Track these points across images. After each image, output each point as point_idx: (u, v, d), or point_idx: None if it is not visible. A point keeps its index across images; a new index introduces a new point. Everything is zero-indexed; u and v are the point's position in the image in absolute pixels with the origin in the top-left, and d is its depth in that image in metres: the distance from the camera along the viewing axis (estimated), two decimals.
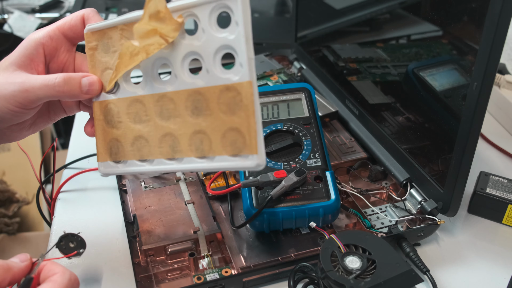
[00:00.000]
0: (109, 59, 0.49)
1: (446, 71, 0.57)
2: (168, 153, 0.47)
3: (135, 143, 0.49)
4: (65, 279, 0.40)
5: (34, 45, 0.49)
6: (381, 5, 0.69)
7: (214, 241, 0.55)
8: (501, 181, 0.64)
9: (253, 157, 0.42)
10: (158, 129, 0.47)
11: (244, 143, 0.42)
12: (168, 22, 0.44)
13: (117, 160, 0.50)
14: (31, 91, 0.46)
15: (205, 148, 0.45)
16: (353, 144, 0.70)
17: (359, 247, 0.50)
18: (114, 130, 0.50)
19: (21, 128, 0.53)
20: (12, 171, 1.34)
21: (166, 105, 0.47)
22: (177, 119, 0.46)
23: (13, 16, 1.26)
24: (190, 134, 0.45)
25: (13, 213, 1.23)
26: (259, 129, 0.42)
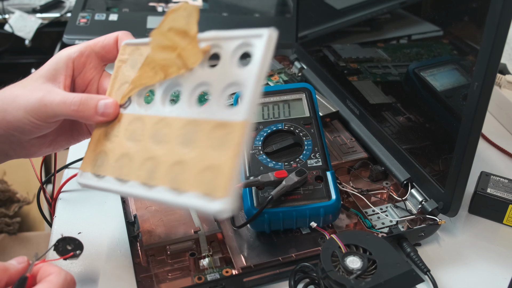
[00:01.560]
0: (132, 74, 0.49)
1: (446, 71, 0.57)
2: (145, 177, 0.44)
3: (119, 160, 0.47)
4: (61, 278, 0.40)
5: (65, 59, 0.50)
6: (382, 5, 0.69)
7: (214, 241, 0.55)
8: (502, 181, 0.64)
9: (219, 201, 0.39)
10: (145, 151, 0.45)
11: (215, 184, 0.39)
12: (192, 47, 0.43)
13: (97, 174, 0.48)
14: (49, 106, 0.47)
15: (180, 180, 0.42)
16: (353, 144, 0.70)
17: (360, 247, 0.50)
18: (107, 143, 0.49)
19: (41, 144, 0.53)
20: (13, 171, 1.34)
21: (161, 129, 0.45)
22: (166, 145, 0.44)
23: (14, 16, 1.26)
24: (171, 163, 0.43)
25: (14, 213, 1.23)
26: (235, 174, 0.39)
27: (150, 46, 0.47)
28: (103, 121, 0.49)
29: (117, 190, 0.46)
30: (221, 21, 1.04)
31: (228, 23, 1.04)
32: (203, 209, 0.40)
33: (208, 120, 0.42)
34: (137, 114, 0.48)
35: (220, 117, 0.41)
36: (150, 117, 0.47)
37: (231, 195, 0.39)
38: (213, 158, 0.40)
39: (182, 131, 0.44)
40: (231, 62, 0.42)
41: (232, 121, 0.40)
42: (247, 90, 0.40)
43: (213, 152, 0.41)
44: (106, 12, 1.02)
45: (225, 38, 0.43)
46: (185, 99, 0.45)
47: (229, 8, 1.08)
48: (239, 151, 0.39)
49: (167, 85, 0.47)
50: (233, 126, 0.40)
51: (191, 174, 0.41)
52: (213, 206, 0.39)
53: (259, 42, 0.41)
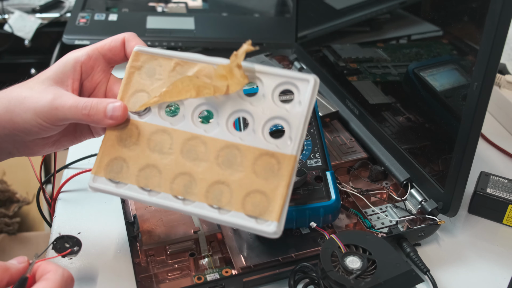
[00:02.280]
0: (149, 83, 0.50)
1: (446, 71, 0.57)
2: (180, 191, 0.47)
3: (145, 170, 0.48)
4: (58, 275, 0.40)
5: (73, 62, 0.50)
6: (382, 5, 0.69)
7: (214, 241, 0.55)
8: (502, 181, 0.64)
9: (272, 224, 0.43)
10: (177, 166, 0.47)
11: (267, 208, 0.44)
12: (238, 77, 0.46)
13: (115, 180, 0.49)
14: (60, 109, 0.47)
15: (223, 200, 0.45)
16: (353, 144, 0.70)
17: (360, 247, 0.50)
18: (125, 150, 0.49)
19: (45, 144, 0.53)
20: (12, 171, 1.34)
21: (196, 146, 0.47)
22: (203, 163, 0.47)
23: (14, 16, 1.26)
24: (211, 182, 0.46)
25: (14, 213, 1.23)
26: (287, 201, 0.44)
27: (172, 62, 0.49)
28: (112, 124, 0.49)
29: (145, 199, 0.47)
30: (221, 21, 1.04)
31: (228, 23, 1.04)
32: (251, 228, 0.44)
33: (253, 147, 0.46)
34: (162, 126, 0.49)
35: (266, 147, 0.45)
36: (179, 132, 0.48)
37: (282, 219, 0.44)
38: (262, 184, 0.44)
39: (222, 152, 0.46)
40: (273, 97, 0.46)
41: (282, 153, 0.45)
42: (298, 129, 0.45)
43: (260, 178, 0.45)
44: (105, 12, 1.02)
45: (269, 74, 0.46)
46: (222, 122, 0.47)
47: (229, 8, 1.08)
48: (289, 182, 0.44)
49: (199, 103, 0.48)
50: (283, 158, 0.44)
51: (236, 196, 0.45)
52: (264, 227, 0.44)
53: (305, 86, 0.45)
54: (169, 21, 0.99)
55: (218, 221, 0.46)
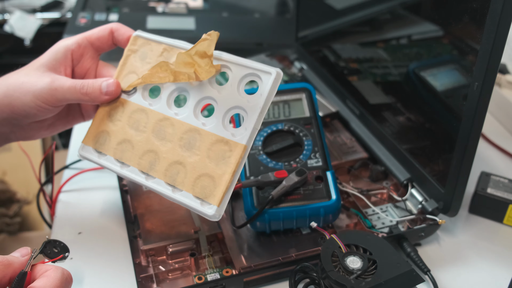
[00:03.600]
0: (140, 66, 0.54)
1: (447, 71, 0.57)
2: (145, 167, 0.51)
3: (122, 144, 0.53)
4: (58, 273, 0.40)
5: (64, 50, 0.54)
6: (382, 5, 0.69)
7: (215, 241, 0.55)
8: (502, 181, 0.64)
9: (213, 207, 0.46)
10: (147, 143, 0.51)
11: (211, 192, 0.47)
12: (207, 65, 0.49)
13: (99, 151, 0.54)
14: (59, 90, 0.51)
15: (178, 180, 0.49)
16: (353, 144, 0.70)
17: (360, 247, 0.50)
18: (110, 124, 0.54)
19: (40, 127, 0.57)
20: (13, 171, 1.34)
21: (166, 127, 0.51)
22: (168, 144, 0.50)
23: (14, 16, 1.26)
24: (172, 161, 0.49)
25: (14, 213, 1.23)
26: (231, 188, 0.47)
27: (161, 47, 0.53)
28: (108, 99, 0.54)
29: (117, 171, 0.52)
30: (222, 21, 1.04)
31: (228, 23, 1.04)
32: (194, 209, 0.47)
33: (211, 133, 0.48)
34: (141, 106, 0.53)
35: (223, 134, 0.48)
36: (154, 112, 0.52)
37: (223, 205, 0.46)
38: (212, 169, 0.47)
39: (185, 135, 0.50)
40: (238, 87, 0.49)
41: (234, 141, 0.47)
42: (251, 119, 0.47)
43: (212, 163, 0.47)
44: (106, 12, 1.02)
45: (237, 64, 0.49)
46: (191, 107, 0.50)
47: (229, 8, 1.08)
48: (237, 169, 0.46)
49: (175, 88, 0.52)
50: (234, 146, 0.47)
51: (189, 177, 0.48)
52: (205, 210, 0.46)
53: (267, 78, 0.47)
54: (170, 21, 0.99)
55: (170, 199, 0.49)
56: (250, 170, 0.57)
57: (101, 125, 0.54)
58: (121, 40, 0.56)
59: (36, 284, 0.39)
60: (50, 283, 0.39)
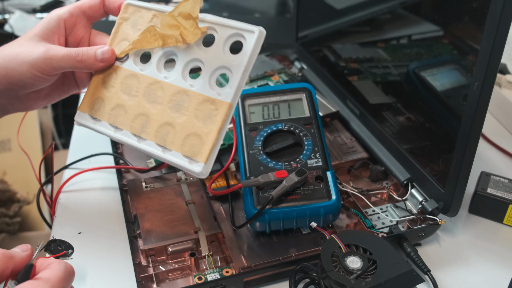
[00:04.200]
0: (131, 33, 0.55)
1: (447, 71, 0.57)
2: (137, 130, 0.52)
3: (115, 109, 0.54)
4: (62, 265, 0.41)
5: (56, 19, 0.55)
6: (382, 5, 0.69)
7: (215, 241, 0.55)
8: (502, 181, 0.64)
9: (200, 164, 0.47)
10: (139, 106, 0.52)
11: (199, 150, 0.48)
12: (193, 27, 0.49)
13: (94, 117, 0.55)
14: (54, 58, 0.52)
15: (168, 140, 0.50)
16: (353, 144, 0.70)
17: (360, 247, 0.50)
18: (105, 91, 0.55)
19: (37, 97, 0.58)
20: (13, 171, 1.34)
21: (156, 90, 0.52)
22: (158, 106, 0.51)
23: (14, 16, 1.26)
24: (162, 123, 0.51)
25: (14, 213, 1.23)
26: (217, 145, 0.48)
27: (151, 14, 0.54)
28: (103, 66, 0.54)
29: (111, 135, 0.53)
30: None
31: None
32: (183, 167, 0.48)
33: (198, 94, 0.49)
34: (133, 71, 0.54)
35: (209, 94, 0.49)
36: (145, 77, 0.53)
37: (210, 162, 0.47)
38: (199, 128, 0.48)
39: (174, 97, 0.51)
40: (224, 47, 0.49)
41: (220, 100, 0.48)
42: (236, 78, 0.48)
43: (199, 122, 0.48)
44: None
45: (221, 25, 0.50)
46: (179, 69, 0.52)
47: (229, 8, 1.08)
48: (223, 127, 0.47)
49: (164, 52, 0.53)
50: (220, 104, 0.48)
51: (178, 137, 0.49)
52: (193, 167, 0.48)
53: (250, 37, 0.47)
54: None
55: (160, 159, 0.50)
56: (250, 170, 0.57)
57: (95, 92, 0.55)
58: (112, 8, 0.57)
59: (41, 275, 0.40)
60: (54, 275, 0.39)
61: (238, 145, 0.62)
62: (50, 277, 0.39)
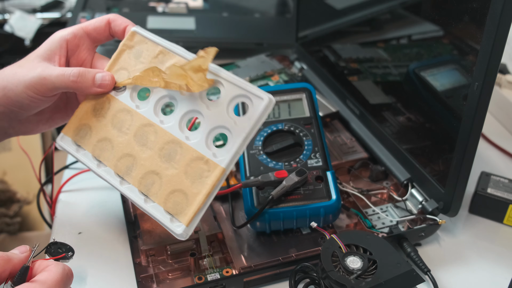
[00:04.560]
0: (133, 63, 0.53)
1: (447, 71, 0.57)
2: (121, 170, 0.50)
3: (102, 142, 0.51)
4: (60, 268, 0.40)
5: (59, 40, 0.54)
6: (382, 5, 0.69)
7: (215, 241, 0.55)
8: (502, 181, 0.64)
9: (181, 226, 0.45)
10: (127, 146, 0.50)
11: (183, 210, 0.46)
12: (200, 79, 0.47)
13: (78, 144, 0.53)
14: (48, 78, 0.50)
15: (152, 190, 0.48)
16: (354, 144, 0.70)
17: (360, 247, 0.50)
18: (94, 119, 0.52)
19: (39, 121, 0.56)
20: (13, 171, 1.34)
21: (148, 133, 0.50)
22: (148, 151, 0.49)
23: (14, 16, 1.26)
24: (148, 170, 0.48)
25: (14, 213, 1.23)
26: (203, 210, 0.46)
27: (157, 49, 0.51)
28: (100, 92, 0.52)
29: (93, 169, 0.51)
30: (222, 21, 1.04)
31: (228, 23, 1.04)
32: (163, 224, 0.46)
33: (193, 149, 0.47)
34: (128, 106, 0.51)
35: (204, 152, 0.46)
36: (140, 116, 0.51)
37: (192, 225, 0.45)
38: (187, 186, 0.46)
39: (167, 145, 0.48)
40: (228, 106, 0.47)
41: (214, 162, 0.46)
42: (235, 143, 0.45)
43: (188, 180, 0.46)
44: (106, 12, 1.02)
45: (231, 83, 0.47)
46: (177, 117, 0.49)
47: (229, 8, 1.08)
48: (212, 191, 0.45)
49: (165, 94, 0.50)
50: (214, 167, 0.46)
51: (164, 190, 0.47)
52: (174, 227, 0.46)
53: (258, 103, 0.45)
54: (170, 21, 0.99)
55: (140, 208, 0.48)
56: (250, 170, 0.57)
57: (84, 117, 0.53)
58: (117, 31, 0.55)
59: (38, 277, 0.39)
60: (51, 277, 0.39)
61: None
62: (47, 279, 0.39)
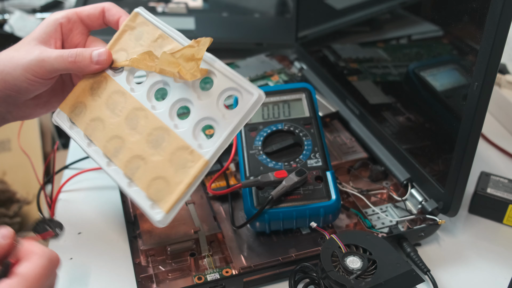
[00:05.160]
0: (132, 45, 0.53)
1: (446, 71, 0.57)
2: (110, 152, 0.50)
3: (95, 122, 0.52)
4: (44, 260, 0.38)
5: (53, 23, 0.54)
6: (382, 5, 0.69)
7: (214, 241, 0.55)
8: (502, 181, 0.64)
9: (161, 213, 0.46)
10: (118, 128, 0.50)
11: (164, 197, 0.46)
12: (193, 69, 0.47)
13: (72, 121, 0.53)
14: (47, 61, 0.51)
15: (136, 174, 0.48)
16: (353, 144, 0.70)
17: (360, 247, 0.50)
18: (89, 98, 0.53)
19: (36, 105, 0.56)
20: (13, 171, 1.34)
21: (139, 117, 0.50)
22: (137, 135, 0.49)
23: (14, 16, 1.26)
24: (135, 154, 0.49)
25: (14, 213, 1.22)
26: (183, 199, 0.46)
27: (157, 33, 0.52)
28: (99, 69, 0.53)
29: (83, 147, 0.52)
30: (221, 21, 1.04)
31: (228, 23, 1.04)
32: (143, 210, 0.47)
33: (180, 138, 0.47)
34: (123, 88, 0.52)
35: (190, 142, 0.47)
36: (133, 99, 0.51)
37: (172, 213, 0.46)
38: (171, 174, 0.46)
39: (155, 131, 0.49)
40: (219, 98, 0.47)
41: (199, 153, 0.46)
42: (221, 136, 0.46)
43: (172, 168, 0.47)
44: None
45: (224, 74, 0.47)
46: (168, 104, 0.49)
47: (229, 8, 1.08)
48: (194, 182, 0.46)
49: (159, 80, 0.51)
50: (198, 158, 0.46)
51: (147, 175, 0.47)
52: (154, 213, 0.46)
53: (248, 98, 0.45)
54: (170, 21, 0.98)
55: (123, 191, 0.49)
56: (250, 170, 0.57)
57: (80, 95, 0.53)
58: (112, 21, 0.55)
59: (20, 270, 0.37)
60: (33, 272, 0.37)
61: (238, 145, 0.62)
62: (29, 274, 0.37)
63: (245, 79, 0.46)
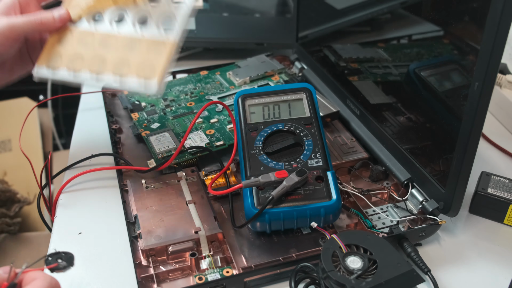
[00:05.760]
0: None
1: (447, 71, 0.57)
2: (95, 70, 0.59)
3: (73, 59, 0.61)
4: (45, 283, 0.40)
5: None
6: (382, 5, 0.69)
7: (215, 241, 0.55)
8: (503, 181, 0.64)
9: (155, 83, 0.55)
10: (95, 52, 0.60)
11: (152, 72, 0.56)
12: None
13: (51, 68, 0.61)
14: (16, 26, 0.60)
15: (124, 72, 0.58)
16: (354, 144, 0.70)
17: (360, 247, 0.50)
18: (61, 48, 0.62)
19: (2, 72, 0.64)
20: (13, 171, 1.34)
21: (110, 39, 0.60)
22: (113, 51, 0.59)
23: None
24: (118, 60, 0.58)
25: (15, 213, 1.22)
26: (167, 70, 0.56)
27: None
28: (63, 24, 0.62)
29: (71, 79, 0.60)
30: (222, 21, 1.04)
31: (229, 23, 1.04)
32: (141, 89, 0.56)
33: (148, 40, 0.58)
34: (87, 30, 0.62)
35: (158, 38, 0.58)
36: (99, 33, 0.61)
37: (163, 80, 0.56)
38: (151, 59, 0.57)
39: (127, 41, 0.59)
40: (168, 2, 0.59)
41: (167, 41, 0.57)
42: (178, 22, 0.58)
43: (151, 55, 0.57)
44: None
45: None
46: (129, 23, 0.60)
47: (229, 8, 1.08)
48: (170, 57, 0.57)
49: (115, 12, 0.61)
50: (168, 43, 0.57)
51: (133, 67, 0.57)
52: (150, 86, 0.56)
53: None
54: None
55: (118, 86, 0.58)
56: (250, 170, 0.57)
57: (52, 49, 0.62)
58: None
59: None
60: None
61: (239, 145, 0.62)
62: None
63: None
